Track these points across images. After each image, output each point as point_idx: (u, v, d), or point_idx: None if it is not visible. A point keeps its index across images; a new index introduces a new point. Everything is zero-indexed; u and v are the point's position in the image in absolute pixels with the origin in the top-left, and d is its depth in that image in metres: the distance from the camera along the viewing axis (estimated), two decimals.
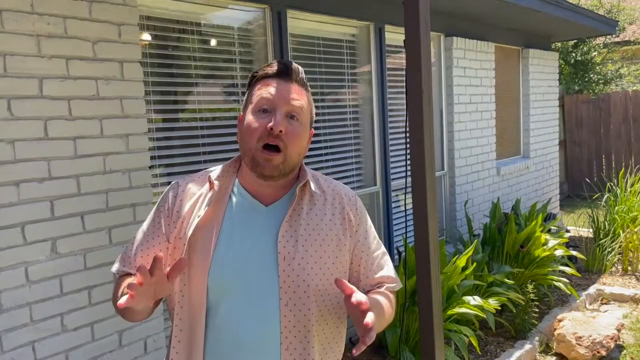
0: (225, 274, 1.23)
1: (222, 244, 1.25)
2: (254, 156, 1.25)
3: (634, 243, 5.33)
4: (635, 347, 3.81)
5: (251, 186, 1.31)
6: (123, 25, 2.55)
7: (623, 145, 9.51)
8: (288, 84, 1.28)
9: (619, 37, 10.82)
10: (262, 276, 1.23)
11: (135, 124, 2.62)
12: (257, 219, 1.28)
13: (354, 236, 1.35)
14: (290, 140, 1.24)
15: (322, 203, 1.33)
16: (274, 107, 1.24)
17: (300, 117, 1.28)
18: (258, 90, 1.28)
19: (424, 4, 2.27)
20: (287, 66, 1.30)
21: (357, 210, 1.38)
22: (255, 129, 1.24)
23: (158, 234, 1.32)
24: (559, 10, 5.33)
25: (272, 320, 1.22)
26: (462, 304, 3.29)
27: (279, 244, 1.24)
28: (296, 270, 1.23)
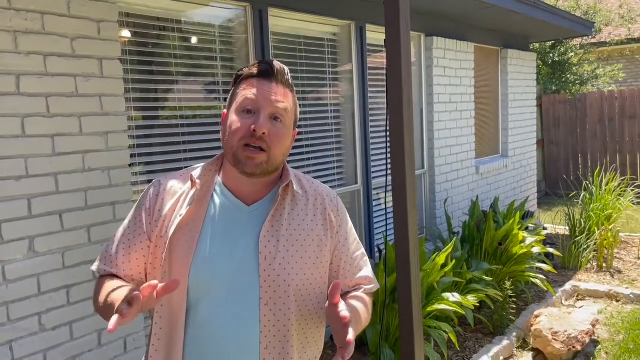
0: (206, 273, 1.23)
1: (203, 244, 1.25)
2: (236, 154, 1.25)
3: (608, 240, 5.45)
4: (609, 342, 3.90)
5: (233, 185, 1.31)
6: (102, 22, 2.53)
7: (599, 145, 9.71)
8: (273, 84, 1.27)
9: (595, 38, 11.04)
10: (243, 276, 1.24)
11: (115, 121, 2.60)
12: (239, 218, 1.28)
13: (335, 237, 1.36)
14: (274, 142, 1.25)
15: (304, 204, 1.34)
16: (258, 109, 1.24)
17: (284, 119, 1.28)
18: (243, 90, 1.27)
19: (404, 3, 2.29)
20: (273, 67, 1.29)
21: (338, 211, 1.39)
22: (238, 129, 1.25)
23: (139, 232, 1.31)
24: (536, 11, 5.42)
25: (252, 319, 1.23)
26: (441, 301, 3.33)
27: (261, 244, 1.25)
28: (277, 270, 1.24)
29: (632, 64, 13.09)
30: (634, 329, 4.05)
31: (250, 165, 1.24)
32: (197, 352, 1.24)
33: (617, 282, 5.04)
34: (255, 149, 1.24)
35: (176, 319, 1.24)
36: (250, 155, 1.24)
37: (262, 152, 1.24)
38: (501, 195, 6.34)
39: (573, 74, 10.40)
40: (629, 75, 13.15)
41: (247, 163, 1.24)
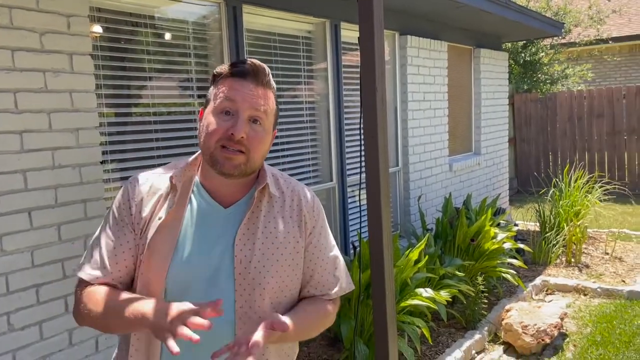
0: (183, 276, 1.23)
1: (180, 247, 1.24)
2: (213, 154, 1.23)
3: (576, 236, 5.59)
4: (577, 334, 4.01)
5: (211, 185, 1.30)
6: (72, 17, 2.49)
7: (568, 143, 9.93)
8: (253, 86, 1.24)
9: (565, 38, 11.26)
10: (219, 278, 1.24)
11: (85, 117, 2.56)
12: (216, 221, 1.28)
13: (308, 237, 1.36)
14: (253, 145, 1.23)
15: (280, 205, 1.33)
16: (236, 111, 1.22)
17: (263, 121, 1.26)
18: (221, 90, 1.24)
19: (378, 2, 2.31)
20: (253, 67, 1.26)
21: (314, 211, 1.38)
22: (215, 130, 1.22)
23: (126, 233, 1.27)
24: (507, 11, 5.52)
25: (228, 322, 1.23)
26: (414, 296, 3.38)
27: (236, 247, 1.25)
28: (252, 274, 1.24)
29: (601, 64, 13.42)
30: (601, 322, 4.17)
31: (228, 166, 1.23)
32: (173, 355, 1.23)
33: (584, 277, 5.18)
34: (233, 151, 1.22)
35: None
36: (228, 156, 1.22)
37: (241, 153, 1.23)
38: (474, 193, 6.45)
39: (544, 73, 10.60)
40: (597, 75, 13.47)
41: (225, 163, 1.23)
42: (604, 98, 9.51)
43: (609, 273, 5.27)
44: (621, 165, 9.49)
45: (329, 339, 3.79)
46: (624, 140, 9.43)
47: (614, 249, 5.95)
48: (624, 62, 13.36)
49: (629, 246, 6.19)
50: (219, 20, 3.37)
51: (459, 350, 3.57)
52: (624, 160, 9.47)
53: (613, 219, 7.69)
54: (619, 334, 3.96)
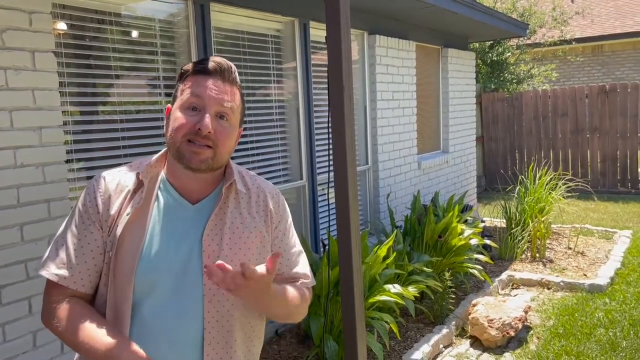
0: (151, 272, 1.24)
1: (148, 243, 1.25)
2: (180, 149, 1.25)
3: (541, 231, 5.74)
4: (540, 327, 4.12)
5: (177, 182, 1.31)
6: (34, 14, 2.44)
7: (534, 141, 10.17)
8: (220, 83, 1.27)
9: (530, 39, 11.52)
10: (187, 274, 1.25)
11: (49, 116, 2.52)
12: (184, 217, 1.29)
13: (274, 232, 1.39)
14: (220, 140, 1.26)
15: (246, 201, 1.36)
16: (203, 106, 1.24)
17: (229, 117, 1.28)
18: (188, 87, 1.26)
19: (344, 1, 2.34)
20: (219, 64, 1.28)
21: (279, 207, 1.41)
22: (182, 125, 1.24)
23: (93, 236, 1.26)
24: (474, 12, 5.62)
25: (196, 316, 1.25)
26: (383, 292, 3.42)
27: (204, 243, 1.26)
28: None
29: (565, 64, 13.79)
30: (563, 315, 4.30)
31: (195, 160, 1.25)
32: (142, 349, 1.23)
33: (548, 271, 5.33)
34: (200, 145, 1.24)
35: (121, 317, 1.24)
36: (195, 150, 1.24)
37: (208, 148, 1.25)
38: (442, 190, 6.55)
39: (510, 73, 10.83)
40: (561, 75, 13.84)
41: (192, 158, 1.24)
42: (568, 97, 9.78)
43: (571, 267, 5.43)
44: (584, 163, 9.77)
45: (298, 336, 3.81)
46: (586, 138, 9.71)
47: (576, 243, 6.13)
48: (586, 63, 13.75)
49: (591, 241, 6.39)
50: (187, 18, 3.34)
51: (427, 345, 3.64)
52: (586, 158, 9.75)
53: (576, 214, 7.92)
54: (580, 325, 4.09)
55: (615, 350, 3.69)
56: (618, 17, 13.92)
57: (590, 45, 13.39)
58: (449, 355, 3.74)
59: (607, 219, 7.63)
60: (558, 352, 3.69)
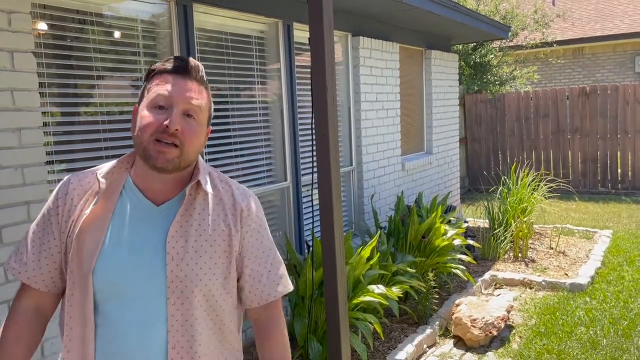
0: (111, 273, 1.22)
1: (109, 243, 1.24)
2: (146, 148, 1.23)
3: (523, 232, 5.80)
4: (523, 326, 4.17)
5: (143, 183, 1.29)
6: (13, 13, 2.41)
7: (516, 142, 10.29)
8: (187, 81, 1.26)
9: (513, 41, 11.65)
10: (150, 276, 1.23)
11: (28, 117, 2.48)
12: (148, 218, 1.27)
13: (245, 236, 1.34)
14: (187, 138, 1.24)
15: (215, 203, 1.32)
16: (170, 104, 1.23)
17: (197, 116, 1.27)
18: (155, 85, 1.26)
19: (327, 2, 2.35)
20: (187, 63, 1.28)
21: (250, 209, 1.36)
22: (149, 123, 1.23)
23: (52, 235, 1.29)
24: (457, 14, 5.67)
25: (160, 319, 1.23)
26: (367, 293, 3.43)
27: (168, 245, 1.24)
28: (184, 271, 1.24)
29: (546, 66, 13.98)
30: (545, 314, 4.35)
31: (162, 160, 1.23)
32: (107, 353, 1.23)
33: (530, 271, 5.39)
34: (167, 144, 1.22)
35: (85, 320, 1.23)
36: (161, 150, 1.22)
37: (175, 147, 1.23)
38: (426, 191, 6.59)
39: (493, 74, 10.94)
40: (543, 77, 14.02)
41: (158, 157, 1.22)
42: (549, 99, 9.91)
43: (553, 267, 5.50)
44: (565, 164, 9.91)
45: None
46: (567, 139, 9.85)
47: (557, 243, 6.21)
48: (567, 65, 13.95)
49: (572, 241, 6.48)
50: (169, 19, 3.33)
51: (410, 345, 3.66)
52: (567, 158, 9.89)
53: (557, 215, 8.03)
54: (561, 324, 4.14)
55: (596, 348, 3.74)
56: (598, 19, 14.16)
57: (571, 47, 13.59)
58: (433, 355, 3.77)
59: (587, 218, 7.75)
60: (540, 351, 3.73)
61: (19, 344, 1.29)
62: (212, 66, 3.70)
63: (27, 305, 1.31)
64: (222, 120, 3.78)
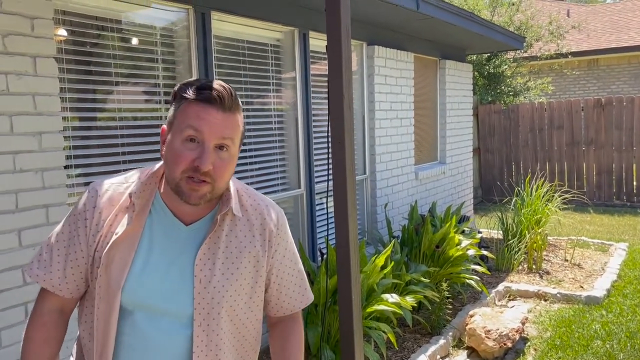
0: (139, 291, 1.22)
1: (138, 262, 1.23)
2: (178, 185, 1.21)
3: (537, 243, 5.75)
4: (538, 338, 4.12)
5: (172, 203, 1.28)
6: (36, 19, 2.45)
7: (530, 153, 10.22)
8: (220, 112, 1.20)
9: (527, 52, 11.62)
10: (178, 296, 1.24)
11: (49, 121, 2.51)
12: (177, 238, 1.26)
13: (273, 255, 1.35)
14: (218, 174, 1.21)
15: (243, 224, 1.31)
16: (202, 140, 1.18)
17: (230, 148, 1.22)
18: (186, 115, 1.20)
19: (345, 11, 2.36)
20: (221, 93, 1.20)
21: (279, 230, 1.36)
22: (181, 159, 1.19)
23: (80, 247, 1.28)
24: (471, 24, 5.67)
25: (185, 339, 1.24)
26: (380, 302, 3.41)
27: (196, 267, 1.24)
28: (211, 293, 1.24)
29: (561, 78, 13.90)
30: (560, 327, 4.29)
31: (194, 197, 1.21)
32: None
33: (545, 283, 5.33)
34: (199, 181, 1.20)
35: (108, 336, 1.23)
36: (194, 188, 1.20)
37: (207, 183, 1.20)
38: (439, 201, 6.56)
39: (507, 85, 10.91)
40: (557, 88, 13.94)
41: (191, 195, 1.21)
42: (564, 110, 9.84)
43: (568, 279, 5.43)
44: (580, 176, 9.82)
45: None
46: (582, 151, 9.76)
47: (572, 256, 6.14)
48: (582, 76, 13.86)
49: (587, 253, 6.40)
50: (188, 26, 3.36)
51: (424, 356, 3.62)
52: (582, 170, 9.80)
53: (572, 227, 7.94)
54: (577, 337, 4.08)
55: None
56: (613, 31, 14.07)
57: (586, 59, 13.51)
58: None
59: (603, 231, 7.65)
60: None
61: (50, 344, 1.29)
62: (229, 73, 3.72)
63: (51, 307, 1.31)
64: None
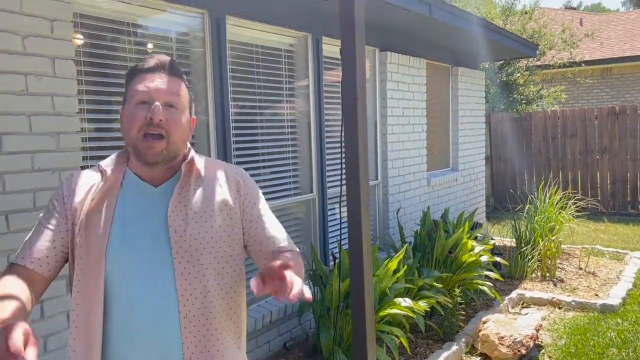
0: (121, 251, 1.29)
1: (116, 225, 1.32)
2: (136, 145, 1.33)
3: (551, 251, 5.69)
4: (552, 346, 4.06)
5: (140, 172, 1.39)
6: (56, 21, 2.49)
7: (543, 161, 10.15)
8: (163, 75, 1.36)
9: (540, 61, 11.58)
10: (157, 250, 1.31)
11: (66, 122, 2.55)
12: (148, 199, 1.36)
13: (244, 203, 1.44)
14: (172, 127, 1.33)
15: (209, 179, 1.42)
16: (151, 99, 1.32)
17: (178, 105, 1.36)
18: (135, 85, 1.35)
19: (359, 11, 2.38)
20: (161, 60, 1.38)
21: (244, 181, 1.47)
22: (135, 120, 1.32)
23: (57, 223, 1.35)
24: (484, 30, 5.67)
25: (169, 290, 1.30)
26: (393, 306, 3.40)
27: (169, 219, 1.32)
28: (188, 241, 1.32)
29: (574, 86, 13.82)
30: (575, 334, 4.24)
31: (151, 155, 1.32)
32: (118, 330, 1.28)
33: (559, 291, 5.27)
34: (154, 136, 1.31)
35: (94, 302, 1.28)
36: (149, 145, 1.31)
37: (161, 139, 1.32)
38: (451, 207, 6.53)
39: (519, 93, 10.86)
40: (570, 97, 13.86)
41: (148, 153, 1.32)
42: (577, 118, 9.77)
43: (582, 287, 5.37)
44: (594, 184, 9.72)
45: (307, 349, 3.78)
46: (596, 159, 9.68)
47: (587, 264, 6.07)
48: (595, 85, 13.77)
49: (602, 262, 6.32)
50: (203, 30, 3.40)
51: None
52: (596, 179, 9.70)
53: (586, 235, 7.86)
54: (592, 345, 4.03)
55: None
56: (627, 40, 13.99)
57: (600, 67, 13.42)
58: None
59: (617, 240, 7.56)
60: None
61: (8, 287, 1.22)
62: (242, 77, 3.75)
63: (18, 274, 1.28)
64: (250, 131, 3.82)
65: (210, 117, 3.42)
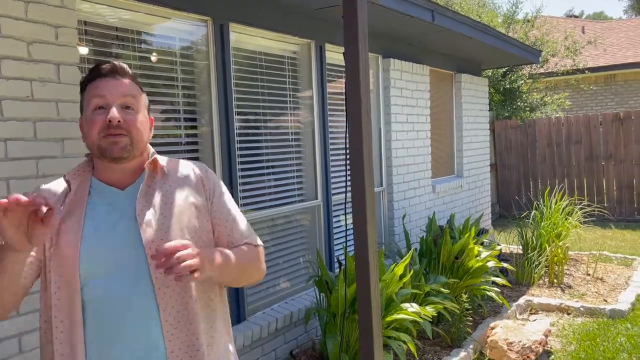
0: (95, 256, 1.32)
1: (87, 231, 1.34)
2: (100, 145, 1.35)
3: (558, 257, 5.64)
4: (561, 352, 4.01)
5: (106, 177, 1.42)
6: (60, 28, 2.50)
7: (548, 168, 10.11)
8: (115, 79, 1.39)
9: (543, 68, 11.58)
10: (129, 248, 1.33)
11: (71, 128, 2.55)
12: (117, 203, 1.39)
13: (210, 196, 1.47)
14: (131, 127, 1.37)
15: (174, 174, 1.46)
16: (107, 103, 1.35)
17: (134, 105, 1.39)
18: (90, 92, 1.38)
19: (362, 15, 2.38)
20: (113, 65, 1.41)
21: (207, 176, 1.50)
22: (94, 123, 1.35)
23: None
24: (488, 37, 5.68)
25: (146, 287, 1.32)
26: (400, 311, 3.37)
27: (138, 217, 1.35)
28: (159, 235, 1.35)
29: (577, 93, 13.81)
30: (585, 340, 4.18)
31: (116, 150, 1.34)
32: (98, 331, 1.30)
33: (567, 297, 5.21)
34: (117, 134, 1.33)
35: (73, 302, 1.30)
36: (113, 140, 1.34)
37: (124, 136, 1.34)
38: (457, 214, 6.50)
39: (523, 101, 10.86)
40: (574, 104, 13.84)
41: (113, 148, 1.35)
42: (582, 125, 9.75)
43: (591, 293, 5.32)
44: (600, 191, 9.67)
45: (314, 356, 3.74)
46: (601, 166, 9.63)
47: (595, 270, 6.01)
48: (599, 92, 13.76)
49: (610, 267, 6.26)
50: (206, 37, 3.41)
51: None
52: (602, 185, 9.65)
53: (593, 242, 7.80)
54: (602, 351, 3.98)
55: None
56: (630, 47, 13.99)
57: (603, 74, 13.41)
58: None
59: (625, 246, 7.50)
60: None
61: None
62: (246, 84, 3.76)
63: None
64: (255, 137, 3.82)
65: (215, 124, 3.42)
